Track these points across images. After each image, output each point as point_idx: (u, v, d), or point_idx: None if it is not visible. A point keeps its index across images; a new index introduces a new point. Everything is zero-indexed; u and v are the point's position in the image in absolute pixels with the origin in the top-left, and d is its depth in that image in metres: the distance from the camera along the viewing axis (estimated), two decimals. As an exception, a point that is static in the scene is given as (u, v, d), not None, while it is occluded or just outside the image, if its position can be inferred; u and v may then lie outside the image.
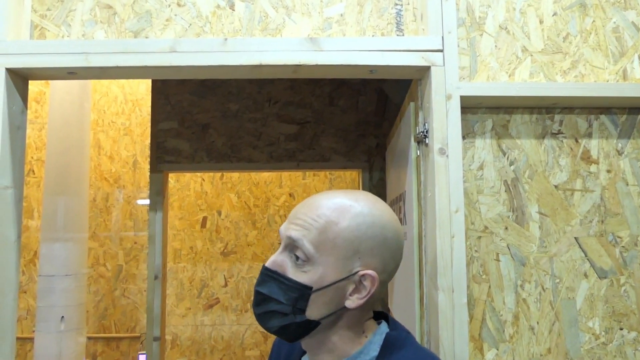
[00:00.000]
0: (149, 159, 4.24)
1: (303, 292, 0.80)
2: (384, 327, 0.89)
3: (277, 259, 0.83)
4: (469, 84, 1.32)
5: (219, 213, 4.33)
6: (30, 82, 1.38)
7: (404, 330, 0.89)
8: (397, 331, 0.88)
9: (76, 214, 3.17)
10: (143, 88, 4.37)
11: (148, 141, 4.27)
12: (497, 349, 1.30)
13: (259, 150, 2.72)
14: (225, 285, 4.29)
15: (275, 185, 4.38)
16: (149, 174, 4.04)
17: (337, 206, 0.82)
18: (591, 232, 1.35)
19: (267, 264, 0.83)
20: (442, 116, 1.28)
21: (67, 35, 1.36)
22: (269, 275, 0.83)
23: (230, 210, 4.34)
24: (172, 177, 4.27)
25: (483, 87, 1.31)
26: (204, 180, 4.33)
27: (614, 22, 1.41)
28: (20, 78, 1.31)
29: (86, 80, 3.20)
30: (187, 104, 2.75)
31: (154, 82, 2.78)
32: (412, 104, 1.46)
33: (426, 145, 1.34)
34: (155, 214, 2.59)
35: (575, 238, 1.35)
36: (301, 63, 1.26)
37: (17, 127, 1.28)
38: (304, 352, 0.94)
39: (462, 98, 1.31)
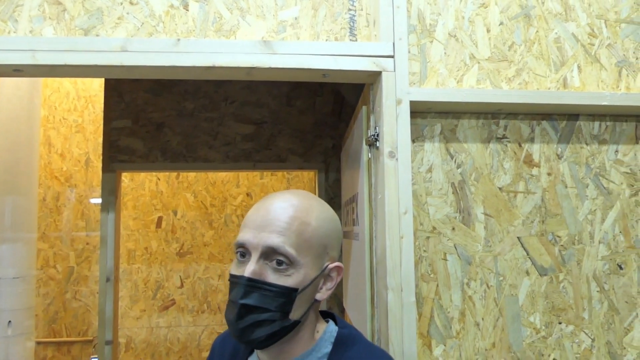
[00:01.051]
0: (102, 158, 4.15)
1: (290, 296, 0.82)
2: (332, 325, 0.91)
3: (256, 269, 0.82)
4: (418, 89, 1.36)
5: (175, 213, 4.27)
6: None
7: (353, 328, 0.92)
8: (347, 329, 0.91)
9: (25, 213, 3.07)
10: (96, 84, 4.27)
11: (101, 139, 4.18)
12: (445, 345, 1.34)
13: (215, 150, 2.71)
14: (181, 286, 4.24)
15: (232, 185, 4.36)
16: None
17: (302, 207, 0.85)
18: (532, 231, 1.42)
19: (247, 274, 0.81)
20: (392, 120, 1.31)
21: (13, 31, 1.33)
22: (252, 286, 0.81)
23: (186, 210, 4.29)
24: (126, 176, 4.19)
25: (432, 92, 1.35)
26: (159, 179, 4.26)
27: (556, 33, 1.48)
28: (-36, 75, 1.27)
29: (36, 76, 3.11)
30: (142, 102, 2.71)
31: (107, 79, 2.73)
32: (364, 108, 1.49)
33: (377, 148, 1.37)
34: (107, 214, 2.55)
35: (517, 237, 1.41)
36: (254, 66, 1.27)
37: (-39, 126, 1.24)
38: (251, 352, 0.95)
39: (412, 103, 1.35)
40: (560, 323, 1.40)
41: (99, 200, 4.14)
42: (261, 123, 2.79)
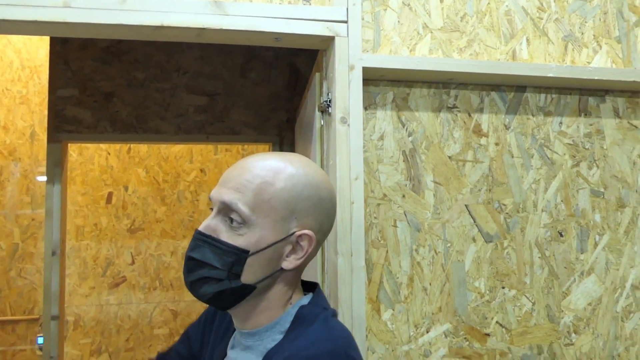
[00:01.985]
0: (47, 128, 3.98)
1: (239, 256, 0.78)
2: (304, 300, 0.87)
3: (211, 223, 0.80)
4: (371, 55, 1.36)
5: (126, 188, 4.17)
6: None
7: (320, 305, 0.86)
8: (313, 306, 0.85)
9: (-36, 187, 2.93)
10: (42, 54, 4.08)
11: (47, 111, 4.01)
12: (393, 310, 1.37)
13: (167, 121, 2.64)
14: (133, 263, 4.16)
15: (185, 161, 4.28)
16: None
17: (271, 167, 0.80)
18: (480, 199, 1.46)
19: (200, 228, 0.80)
20: (345, 86, 1.31)
21: (-54, -16, 1.25)
22: (202, 240, 0.79)
23: (137, 185, 4.20)
24: (74, 150, 4.05)
25: (385, 59, 1.36)
26: (109, 154, 4.14)
27: (507, 6, 1.51)
28: None
29: (-26, 41, 2.94)
30: (90, 71, 2.61)
31: (52, 45, 2.61)
32: (317, 75, 1.48)
33: (329, 114, 1.37)
34: (52, 186, 2.46)
35: (465, 205, 1.45)
36: (205, 26, 1.24)
37: None
38: None
39: (365, 69, 1.35)
40: (503, 288, 1.45)
41: (45, 179, 3.99)
42: (214, 95, 2.74)
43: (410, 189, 1.42)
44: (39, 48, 4.11)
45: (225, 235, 0.79)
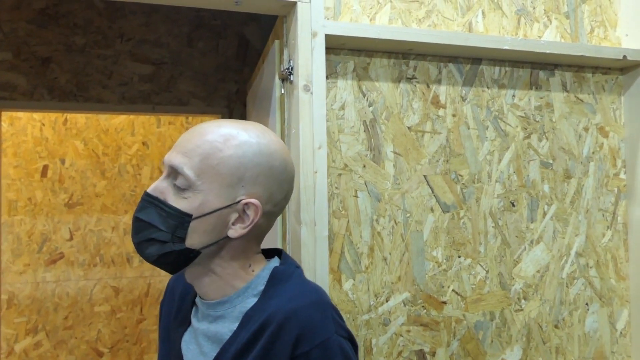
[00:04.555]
0: (-25, 98, 3.71)
1: (182, 220, 0.78)
2: (273, 262, 0.88)
3: (159, 186, 0.80)
4: (334, 23, 1.33)
5: (63, 161, 3.97)
6: None
7: (293, 265, 0.89)
8: (286, 266, 0.87)
9: None
10: (-35, 16, 3.77)
11: (-27, 78, 3.73)
12: (354, 279, 1.38)
13: (110, 90, 2.52)
14: (71, 239, 3.99)
15: (127, 133, 4.12)
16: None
17: (222, 134, 0.80)
18: (437, 170, 1.48)
19: (148, 190, 0.80)
20: (307, 53, 1.28)
21: None
22: (149, 202, 0.79)
23: (75, 158, 4.01)
24: (4, 121, 3.80)
25: (347, 27, 1.33)
26: (43, 125, 3.91)
27: (464, -23, 1.51)
28: None
29: None
30: (24, 34, 2.43)
31: (-20, 5, 2.41)
32: (276, 42, 1.44)
33: (290, 82, 1.34)
34: (-15, 157, 2.30)
35: (424, 176, 1.46)
36: (162, -14, 1.17)
37: None
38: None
39: (327, 37, 1.32)
40: (459, 257, 1.48)
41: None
42: (160, 64, 2.63)
43: (370, 159, 1.42)
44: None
45: (172, 199, 0.79)
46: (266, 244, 1.64)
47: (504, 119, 1.55)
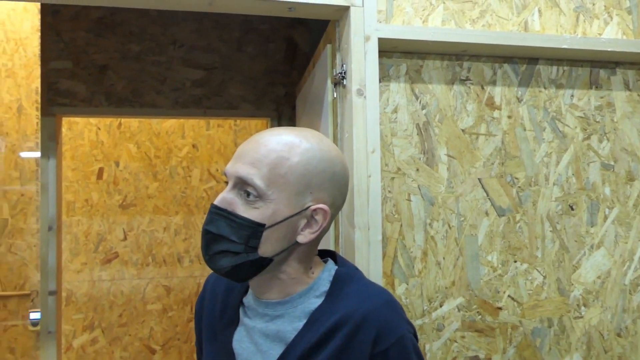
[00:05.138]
0: (36, 105, 3.88)
1: (255, 230, 0.79)
2: (331, 265, 0.90)
3: (227, 197, 0.81)
4: (387, 26, 1.33)
5: (117, 164, 4.11)
6: None
7: (353, 267, 0.91)
8: (346, 267, 0.90)
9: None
10: (28, 26, 3.95)
11: (34, 85, 3.91)
12: (407, 284, 1.37)
13: (164, 95, 2.59)
14: (125, 239, 4.12)
15: (177, 136, 4.22)
16: (37, 118, 3.71)
17: (286, 142, 0.81)
18: (492, 173, 1.45)
19: (216, 202, 0.80)
20: (361, 57, 1.28)
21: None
22: (218, 214, 0.80)
23: (129, 161, 4.14)
24: (63, 125, 3.96)
25: (400, 30, 1.33)
26: (99, 129, 4.06)
27: (520, -25, 1.48)
28: None
29: (-41, 11, 2.83)
30: (83, 43, 2.53)
31: (43, 16, 2.52)
32: (328, 46, 1.45)
33: (343, 86, 1.34)
34: (47, 161, 2.40)
35: (479, 179, 1.44)
36: (218, -6, 1.20)
37: None
38: (245, 291, 0.92)
39: (380, 40, 1.32)
40: (515, 261, 1.45)
41: (34, 154, 3.90)
42: (211, 69, 2.68)
43: (424, 162, 1.40)
44: (24, 20, 3.98)
45: (241, 209, 0.80)
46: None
47: (562, 119, 1.51)
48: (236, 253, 0.79)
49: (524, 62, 1.50)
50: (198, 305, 1.01)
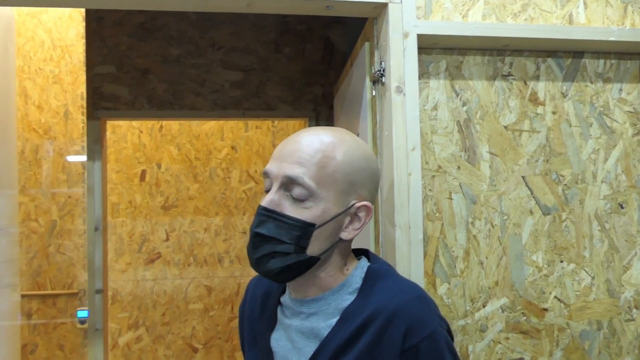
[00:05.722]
0: (81, 109, 4.00)
1: (306, 230, 0.80)
2: (364, 262, 0.90)
3: (274, 199, 0.80)
4: (426, 22, 1.31)
5: (159, 166, 4.20)
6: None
7: (386, 264, 0.91)
8: (378, 264, 0.90)
9: (3, 165, 2.98)
10: (73, 33, 4.09)
11: (80, 90, 4.04)
12: (449, 284, 1.34)
13: (203, 97, 2.63)
14: (167, 239, 4.20)
15: (217, 138, 4.28)
16: (83, 122, 3.82)
17: (328, 142, 0.82)
18: (537, 171, 1.41)
19: (264, 204, 0.80)
20: (399, 54, 1.27)
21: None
22: (267, 216, 0.80)
23: (170, 163, 4.22)
24: (107, 129, 4.07)
25: (440, 25, 1.31)
26: (141, 132, 4.16)
27: (563, -34, 1.43)
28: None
29: (9, 19, 2.95)
30: (126, 48, 2.59)
31: (88, 22, 2.60)
32: (367, 44, 1.44)
33: (382, 84, 1.33)
34: (93, 163, 2.47)
35: (522, 177, 1.40)
36: (256, -5, 1.21)
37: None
38: (283, 291, 0.93)
39: (419, 37, 1.30)
40: (561, 261, 1.40)
41: (80, 158, 4.03)
42: (249, 70, 2.71)
43: (465, 160, 1.38)
44: (70, 27, 4.11)
45: (290, 210, 0.80)
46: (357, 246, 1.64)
47: (610, 115, 1.45)
48: (286, 254, 0.80)
49: (568, 56, 1.46)
50: (240, 310, 1.02)
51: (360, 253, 0.95)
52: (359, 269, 0.88)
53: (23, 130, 3.98)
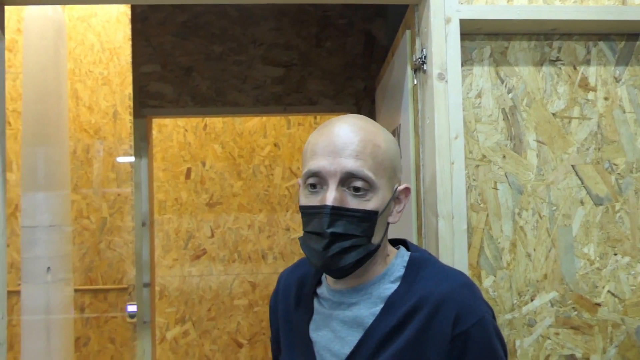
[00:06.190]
0: (129, 109, 4.12)
1: (372, 220, 0.81)
2: (403, 251, 0.90)
3: (338, 196, 0.80)
4: (468, 6, 1.27)
5: (203, 164, 4.27)
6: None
7: (426, 252, 0.92)
8: (420, 252, 0.90)
9: (57, 164, 3.09)
10: (120, 36, 4.20)
11: (127, 91, 4.15)
12: (495, 276, 1.30)
13: (245, 93, 2.65)
14: (212, 236, 4.27)
15: (259, 135, 4.32)
16: (130, 122, 3.93)
17: (369, 131, 0.82)
18: (588, 159, 1.35)
19: (329, 203, 0.79)
20: (441, 40, 1.23)
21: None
22: (337, 214, 0.80)
23: (214, 161, 4.28)
24: (154, 128, 4.17)
25: (483, 10, 1.27)
26: (187, 130, 4.24)
27: (615, -56, 1.36)
28: (-6, 2, 1.23)
29: (60, 24, 3.06)
30: (170, 46, 2.65)
31: (133, 23, 2.67)
32: (407, 32, 1.41)
33: (424, 72, 1.30)
34: (140, 160, 2.53)
35: (572, 166, 1.34)
36: (294, -16, 1.20)
37: (-6, 55, 1.21)
38: (318, 282, 0.93)
39: (461, 22, 1.26)
40: (615, 254, 1.34)
41: (129, 159, 4.14)
42: (290, 65, 2.71)
43: (511, 149, 1.33)
44: (117, 30, 4.23)
45: (354, 203, 0.80)
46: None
47: (667, 99, 1.38)
48: (358, 247, 0.80)
49: (621, 39, 1.39)
50: (272, 301, 1.02)
51: (397, 243, 0.95)
52: (399, 257, 0.88)
53: (75, 131, 4.13)
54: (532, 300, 1.31)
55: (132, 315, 3.90)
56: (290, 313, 0.96)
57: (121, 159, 4.18)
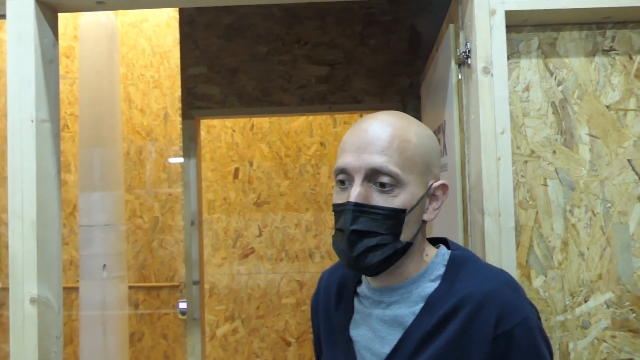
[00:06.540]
0: (179, 111, 4.22)
1: (399, 217, 0.79)
2: (443, 249, 0.89)
3: (362, 192, 0.79)
4: (514, -3, 1.23)
5: (251, 164, 4.33)
6: (59, 37, 1.35)
7: (468, 250, 0.89)
8: (461, 251, 0.88)
9: (111, 165, 3.21)
10: (170, 40, 4.32)
11: (177, 93, 4.26)
12: (546, 276, 1.26)
13: (290, 93, 2.67)
14: (260, 235, 4.33)
15: (305, 135, 4.34)
16: (180, 124, 4.03)
17: (399, 126, 0.81)
18: (646, 153, 1.28)
19: (353, 199, 0.79)
20: (486, 33, 1.20)
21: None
22: (360, 211, 0.79)
23: (261, 160, 4.34)
24: (202, 129, 4.26)
25: (529, 0, 1.22)
26: (234, 131, 4.31)
27: None
28: (49, 9, 1.28)
29: (113, 30, 3.16)
30: (216, 49, 2.70)
31: (182, 27, 2.73)
32: (451, 26, 1.38)
33: (468, 66, 1.27)
34: (189, 160, 2.59)
35: (628, 160, 1.28)
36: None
37: (50, 61, 1.26)
38: (358, 282, 0.92)
39: (507, 14, 1.22)
40: (676, 253, 1.27)
41: (179, 160, 4.25)
42: (335, 64, 2.71)
43: (561, 143, 1.28)
44: (167, 34, 4.35)
45: (379, 200, 0.79)
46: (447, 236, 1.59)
47: None
48: (384, 245, 0.79)
49: (682, 25, 1.31)
50: (314, 302, 1.02)
51: (437, 242, 0.93)
52: (439, 256, 0.87)
53: (128, 133, 4.27)
54: (585, 301, 1.26)
55: (183, 312, 4.01)
56: (331, 313, 0.96)
57: (172, 160, 4.30)
